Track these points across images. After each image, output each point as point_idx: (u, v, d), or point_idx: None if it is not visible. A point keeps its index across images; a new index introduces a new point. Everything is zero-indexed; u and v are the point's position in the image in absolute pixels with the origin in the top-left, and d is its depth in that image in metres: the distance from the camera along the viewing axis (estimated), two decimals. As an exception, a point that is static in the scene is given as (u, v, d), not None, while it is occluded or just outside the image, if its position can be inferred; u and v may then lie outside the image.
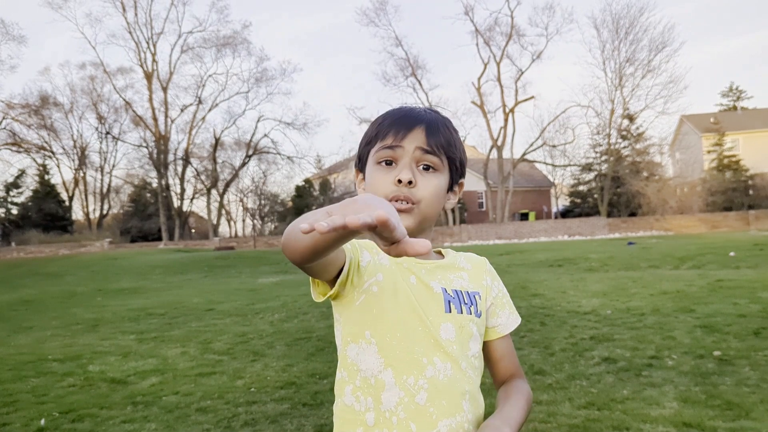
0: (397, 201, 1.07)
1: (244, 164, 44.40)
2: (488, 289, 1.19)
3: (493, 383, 1.24)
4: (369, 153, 1.13)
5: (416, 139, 1.08)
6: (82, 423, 4.21)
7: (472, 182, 43.91)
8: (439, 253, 1.20)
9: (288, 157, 44.20)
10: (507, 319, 1.21)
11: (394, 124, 1.10)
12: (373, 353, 1.05)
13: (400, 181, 1.06)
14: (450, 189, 1.16)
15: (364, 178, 1.16)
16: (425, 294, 1.08)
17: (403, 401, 1.03)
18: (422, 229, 1.12)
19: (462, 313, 1.10)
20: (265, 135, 44.97)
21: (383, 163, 1.09)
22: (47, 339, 7.82)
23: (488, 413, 1.12)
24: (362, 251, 1.10)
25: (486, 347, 1.19)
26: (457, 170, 1.15)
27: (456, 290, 1.12)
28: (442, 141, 1.10)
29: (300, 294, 10.76)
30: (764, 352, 4.99)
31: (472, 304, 1.12)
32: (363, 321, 1.07)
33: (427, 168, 1.09)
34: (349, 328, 1.09)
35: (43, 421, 4.22)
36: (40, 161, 43.85)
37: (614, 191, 37.78)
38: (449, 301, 1.09)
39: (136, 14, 42.00)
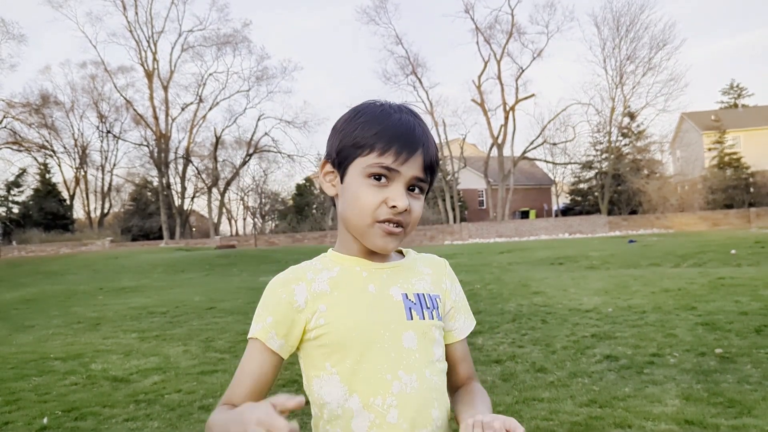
0: (388, 223, 1.05)
1: (244, 163, 44.42)
2: (447, 293, 1.17)
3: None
4: (356, 157, 1.07)
5: (415, 165, 1.06)
6: (85, 421, 4.22)
7: (473, 180, 43.92)
8: (400, 252, 1.18)
9: (289, 156, 44.20)
10: (463, 323, 1.20)
11: (394, 142, 1.04)
12: (336, 383, 1.04)
13: (394, 207, 1.04)
14: None
15: (337, 175, 1.12)
16: (384, 304, 1.07)
17: (374, 424, 1.02)
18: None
19: (424, 318, 1.08)
20: (266, 133, 44.97)
21: (373, 178, 1.05)
22: (49, 338, 7.83)
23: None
24: (295, 290, 1.06)
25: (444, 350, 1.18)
26: (432, 185, 1.15)
27: (418, 294, 1.10)
28: (434, 165, 1.09)
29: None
30: (766, 350, 4.99)
31: (434, 308, 1.11)
32: (320, 354, 1.06)
33: (413, 189, 1.08)
34: (309, 363, 1.08)
35: (45, 420, 4.23)
36: (41, 160, 43.91)
37: (615, 189, 37.76)
38: (410, 308, 1.07)
39: (136, 13, 41.99)
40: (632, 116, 38.98)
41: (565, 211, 43.04)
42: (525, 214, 41.97)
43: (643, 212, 35.03)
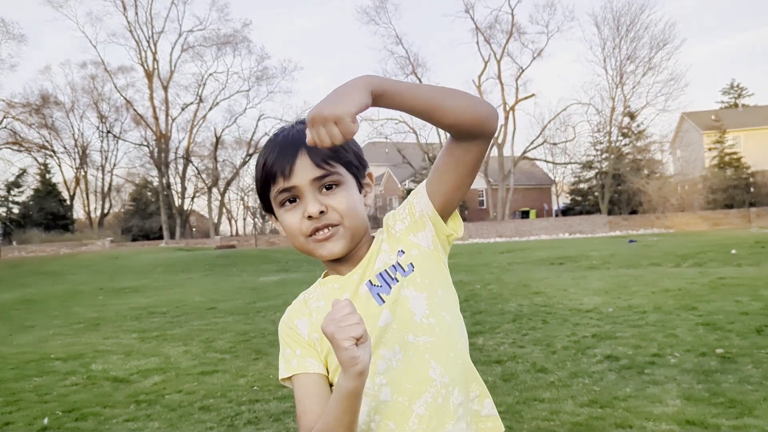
0: (318, 231, 1.06)
1: (244, 163, 44.43)
2: (403, 234, 1.12)
3: None
4: (268, 196, 1.11)
5: (304, 168, 1.05)
6: (86, 422, 4.21)
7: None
8: None
9: (289, 156, 44.16)
10: (420, 201, 1.11)
11: (276, 164, 1.06)
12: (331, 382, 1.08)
13: (310, 217, 1.05)
14: (360, 186, 1.13)
15: (276, 218, 1.15)
16: (360, 306, 1.06)
17: (372, 408, 1.04)
18: (356, 242, 1.10)
19: (391, 289, 1.07)
20: (266, 134, 44.93)
21: (287, 203, 1.08)
22: (49, 338, 7.83)
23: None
24: (298, 329, 1.11)
25: (440, 193, 1.07)
26: (358, 167, 1.12)
27: (380, 274, 1.09)
28: (328, 153, 1.06)
29: (301, 292, 10.76)
30: (767, 350, 4.99)
31: (396, 270, 1.09)
32: (330, 378, 1.09)
33: (329, 187, 1.07)
34: None
35: (46, 420, 4.23)
36: (41, 160, 43.96)
37: (615, 189, 37.76)
38: (378, 294, 1.08)
39: (136, 13, 42.05)
40: (632, 116, 38.99)
41: (566, 211, 43.04)
42: (525, 214, 41.96)
43: (643, 212, 35.03)
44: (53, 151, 44.11)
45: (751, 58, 77.37)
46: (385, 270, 1.10)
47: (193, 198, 46.49)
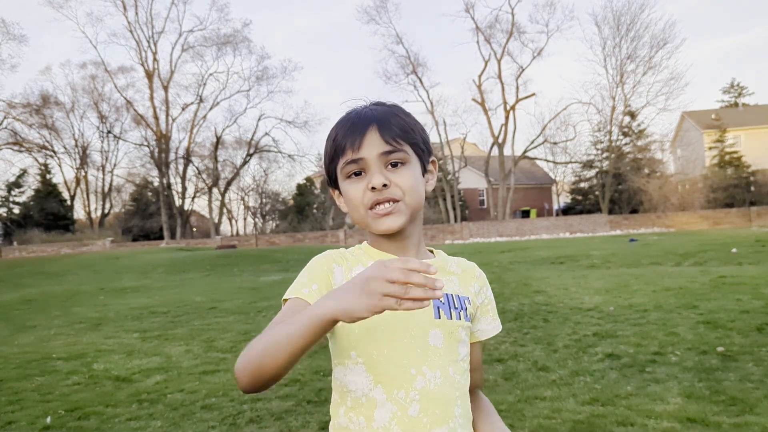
0: (379, 205, 1.08)
1: (245, 163, 44.44)
2: (475, 296, 1.19)
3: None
4: (336, 169, 1.13)
5: (373, 143, 1.08)
6: (88, 421, 4.23)
7: (474, 179, 43.91)
8: (431, 251, 1.20)
9: (289, 156, 44.25)
10: (488, 325, 1.22)
11: (347, 135, 1.09)
12: (362, 372, 1.06)
13: (374, 188, 1.07)
14: (424, 171, 1.16)
15: (341, 193, 1.17)
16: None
17: (396, 416, 1.04)
18: (413, 221, 1.13)
19: (452, 318, 1.10)
20: (266, 133, 45.10)
21: (353, 176, 1.10)
22: (51, 338, 7.84)
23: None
24: (335, 270, 1.10)
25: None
26: (423, 151, 1.16)
27: (447, 294, 1.12)
28: (397, 132, 1.10)
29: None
30: (767, 348, 5.00)
31: (462, 308, 1.13)
32: (348, 342, 1.08)
33: (395, 164, 1.10)
34: (336, 351, 1.11)
35: (49, 419, 4.24)
36: (41, 161, 43.97)
37: (616, 188, 37.76)
38: (438, 308, 1.10)
39: (136, 13, 42.04)
40: (633, 115, 38.98)
41: (566, 211, 43.04)
42: (526, 214, 41.98)
43: (643, 211, 35.03)
44: (54, 152, 44.16)
45: (751, 58, 77.43)
46: (453, 294, 1.13)
47: (193, 198, 46.48)
